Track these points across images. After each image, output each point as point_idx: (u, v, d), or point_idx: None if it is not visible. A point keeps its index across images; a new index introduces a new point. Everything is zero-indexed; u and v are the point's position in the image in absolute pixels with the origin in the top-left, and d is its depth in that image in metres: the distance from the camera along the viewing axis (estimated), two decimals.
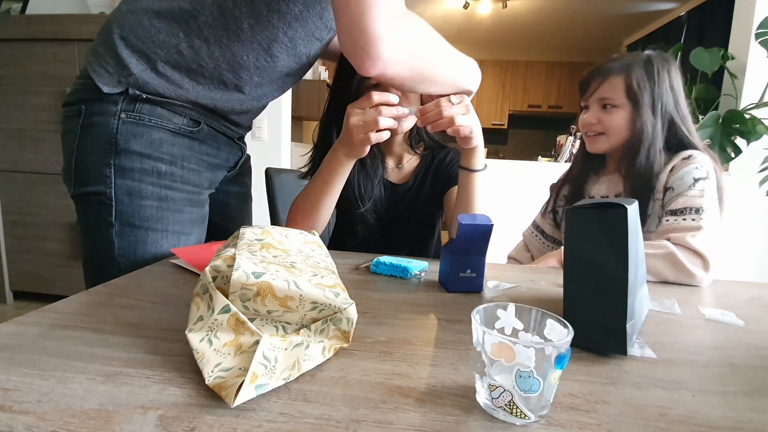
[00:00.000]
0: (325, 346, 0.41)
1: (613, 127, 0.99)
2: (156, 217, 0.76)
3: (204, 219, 0.87)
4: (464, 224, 0.62)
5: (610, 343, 0.45)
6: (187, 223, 0.81)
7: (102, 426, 0.30)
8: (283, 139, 2.60)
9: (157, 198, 0.76)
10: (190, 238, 0.82)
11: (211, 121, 0.83)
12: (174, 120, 0.77)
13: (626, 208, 0.44)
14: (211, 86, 0.78)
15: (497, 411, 0.33)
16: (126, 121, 0.73)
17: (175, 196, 0.78)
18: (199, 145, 0.82)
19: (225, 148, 0.90)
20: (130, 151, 0.73)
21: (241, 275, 0.39)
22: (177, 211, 0.79)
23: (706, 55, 2.31)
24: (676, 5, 4.07)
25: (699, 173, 0.91)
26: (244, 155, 0.99)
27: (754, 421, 0.34)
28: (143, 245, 0.76)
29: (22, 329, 0.44)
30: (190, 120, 0.79)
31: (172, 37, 0.71)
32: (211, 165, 0.87)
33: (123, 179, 0.74)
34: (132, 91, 0.72)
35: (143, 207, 0.75)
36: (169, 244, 0.78)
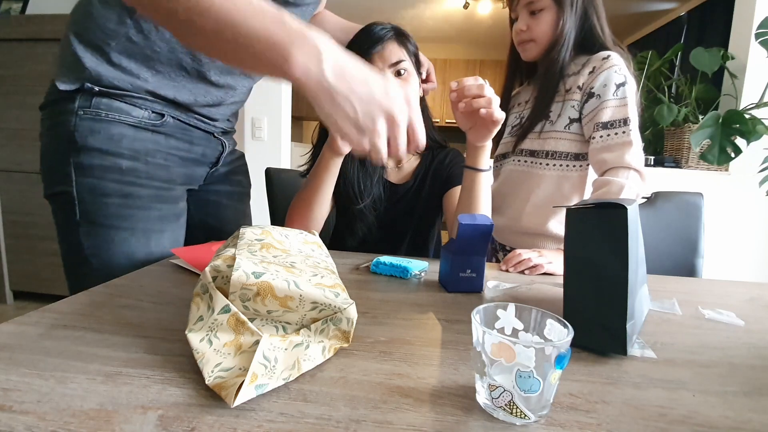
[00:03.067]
0: (325, 346, 0.41)
1: (541, 32, 1.01)
2: (121, 215, 0.74)
3: (179, 216, 0.84)
4: (464, 224, 0.62)
5: (610, 343, 0.45)
6: (156, 220, 0.78)
7: (102, 426, 0.30)
8: (283, 139, 2.60)
9: (120, 195, 0.73)
10: (162, 236, 0.79)
11: (177, 113, 0.79)
12: (134, 113, 0.74)
13: (626, 208, 0.44)
14: (172, 74, 0.75)
15: (497, 411, 0.33)
16: (84, 117, 0.71)
17: (140, 192, 0.75)
18: (166, 139, 0.79)
19: (201, 143, 0.86)
20: (89, 147, 0.71)
21: (241, 275, 0.39)
22: (143, 208, 0.76)
23: (706, 55, 2.31)
24: (676, 5, 4.07)
25: (618, 78, 0.95)
26: (225, 150, 0.94)
27: (754, 421, 0.34)
28: (111, 244, 0.74)
29: (22, 329, 0.44)
30: (152, 113, 0.76)
31: (121, 25, 0.69)
32: (184, 160, 0.83)
33: (84, 177, 0.71)
34: (87, 86, 0.70)
35: (107, 205, 0.73)
36: (138, 242, 0.76)
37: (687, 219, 1.16)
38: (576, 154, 1.02)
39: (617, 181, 0.89)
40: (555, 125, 1.02)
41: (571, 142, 1.01)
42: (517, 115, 1.14)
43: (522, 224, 1.09)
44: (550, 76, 1.02)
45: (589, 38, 1.01)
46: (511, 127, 1.15)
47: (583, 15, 1.00)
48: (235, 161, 1.00)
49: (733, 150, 2.13)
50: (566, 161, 1.02)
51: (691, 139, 2.20)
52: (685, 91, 2.51)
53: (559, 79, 1.01)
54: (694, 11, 3.82)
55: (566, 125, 1.01)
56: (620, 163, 0.91)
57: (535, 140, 1.06)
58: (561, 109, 1.02)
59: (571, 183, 1.03)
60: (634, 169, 0.91)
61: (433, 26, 4.96)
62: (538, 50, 1.03)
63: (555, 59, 1.00)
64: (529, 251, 0.82)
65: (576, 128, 1.01)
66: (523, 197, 1.07)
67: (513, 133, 1.12)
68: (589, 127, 0.98)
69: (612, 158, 0.92)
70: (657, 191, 1.20)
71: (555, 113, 1.03)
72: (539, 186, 1.05)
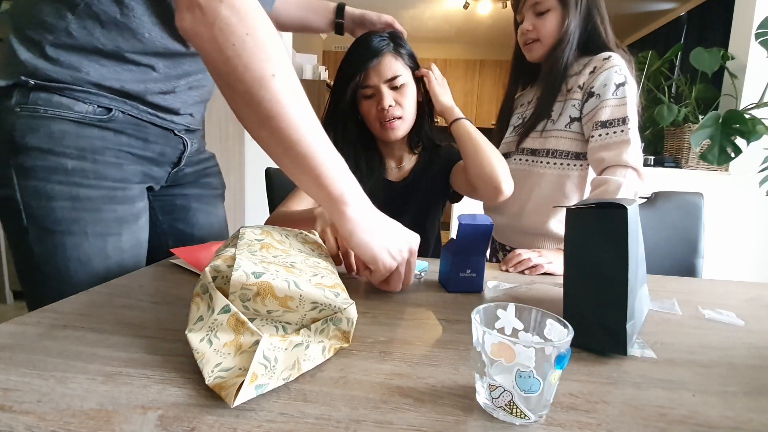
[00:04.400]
0: (325, 346, 0.41)
1: (547, 32, 1.02)
2: (71, 218, 0.68)
3: (138, 216, 0.78)
4: (464, 224, 0.62)
5: (610, 343, 0.45)
6: (111, 222, 0.72)
7: (102, 426, 0.30)
8: None
9: (68, 198, 0.68)
10: (120, 239, 0.74)
11: (127, 108, 0.73)
12: (76, 108, 0.67)
13: (626, 208, 0.44)
14: (117, 67, 0.69)
15: (497, 411, 0.33)
16: (21, 115, 0.65)
17: (89, 194, 0.70)
18: (116, 136, 0.72)
19: (158, 140, 0.79)
20: (29, 147, 0.65)
21: (241, 275, 0.39)
22: (95, 211, 0.70)
23: (706, 55, 2.31)
24: (676, 5, 4.07)
25: (618, 78, 0.96)
26: (187, 149, 0.86)
27: (754, 421, 0.34)
28: (63, 250, 0.69)
29: (22, 329, 0.44)
30: (98, 107, 0.69)
31: (60, 19, 0.64)
32: (139, 158, 0.77)
33: (27, 180, 0.66)
34: (23, 80, 0.64)
35: (54, 209, 0.67)
36: (93, 247, 0.70)
37: (687, 219, 1.16)
38: (576, 153, 1.02)
39: (615, 179, 0.90)
40: (556, 124, 1.03)
41: (571, 141, 1.02)
42: (519, 115, 1.15)
43: (523, 223, 1.09)
44: (554, 75, 1.02)
45: (592, 39, 1.02)
46: (513, 126, 1.16)
47: (587, 16, 1.01)
48: (203, 162, 0.95)
49: (733, 150, 2.13)
50: (567, 160, 1.03)
51: (691, 139, 2.20)
52: (685, 91, 2.51)
53: (562, 78, 1.02)
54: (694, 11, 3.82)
55: (567, 124, 1.02)
56: (618, 162, 0.92)
57: (536, 139, 1.06)
58: (562, 108, 1.02)
59: (572, 182, 1.04)
60: (631, 167, 0.91)
61: (433, 26, 4.96)
62: (544, 50, 1.04)
63: (559, 58, 1.01)
64: (528, 251, 0.82)
65: (576, 127, 1.01)
66: (524, 196, 1.08)
67: (515, 133, 1.13)
68: (589, 126, 0.99)
69: (610, 157, 0.93)
70: (657, 191, 1.20)
71: (557, 112, 1.03)
72: (540, 185, 1.06)
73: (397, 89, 0.95)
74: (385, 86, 0.95)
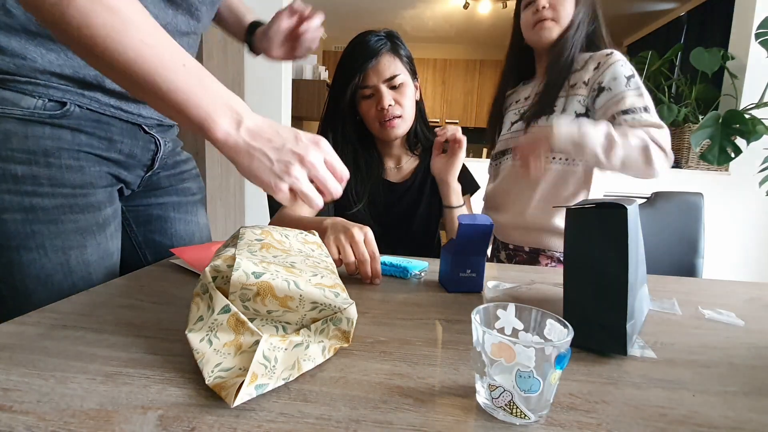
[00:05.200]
0: (325, 346, 0.41)
1: (565, 12, 1.00)
2: (25, 233, 0.60)
3: (105, 225, 0.69)
4: (464, 224, 0.62)
5: (610, 343, 0.45)
6: (72, 234, 0.64)
7: (102, 426, 0.30)
8: None
9: (20, 209, 0.60)
10: (84, 251, 0.65)
11: (85, 101, 0.63)
12: (22, 103, 0.58)
13: (626, 208, 0.44)
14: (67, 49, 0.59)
15: (497, 411, 0.33)
16: None
17: (44, 203, 0.61)
18: (73, 134, 0.63)
19: (123, 140, 0.69)
20: None
21: (241, 275, 0.39)
22: (52, 222, 0.62)
23: (706, 55, 2.31)
24: (676, 5, 4.07)
25: (627, 71, 0.94)
26: (160, 150, 0.76)
27: (754, 421, 0.34)
28: (19, 267, 0.61)
29: (22, 329, 0.44)
30: (48, 101, 0.60)
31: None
32: (102, 159, 0.67)
33: None
34: None
35: (5, 222, 0.59)
36: (52, 262, 0.62)
37: (687, 219, 1.16)
38: None
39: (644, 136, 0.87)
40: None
41: None
42: (515, 112, 1.14)
43: (526, 220, 1.07)
44: (561, 65, 1.01)
45: (595, 35, 1.02)
46: (510, 123, 1.14)
47: (593, 12, 1.01)
48: (180, 164, 0.85)
49: (733, 150, 2.13)
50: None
51: (691, 139, 2.20)
52: (685, 91, 2.51)
53: (569, 70, 1.01)
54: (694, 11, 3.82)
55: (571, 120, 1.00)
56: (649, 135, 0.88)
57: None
58: (565, 103, 1.01)
59: (576, 178, 1.02)
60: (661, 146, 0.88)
61: (433, 26, 4.96)
62: (559, 31, 1.01)
63: (569, 46, 0.99)
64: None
65: None
66: (527, 193, 1.06)
67: (513, 130, 1.12)
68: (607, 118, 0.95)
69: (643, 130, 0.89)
70: (657, 191, 1.20)
71: (559, 108, 1.02)
72: (544, 180, 1.04)
73: (396, 88, 0.95)
74: (384, 86, 0.95)
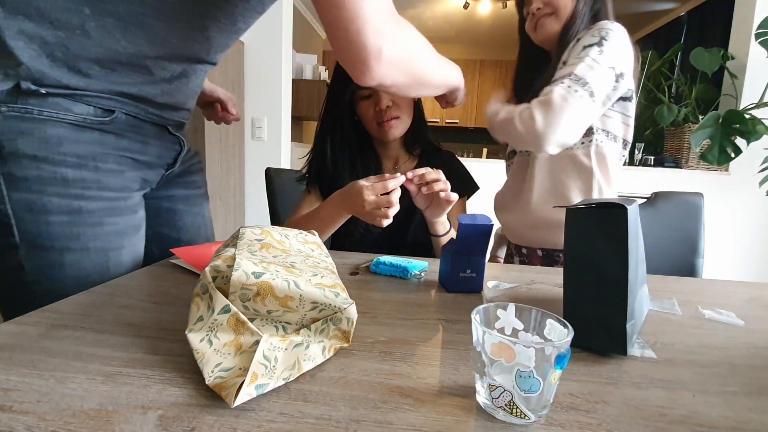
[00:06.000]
0: (325, 346, 0.41)
1: (562, 3, 0.95)
2: (70, 234, 0.62)
3: (137, 228, 0.72)
4: (464, 224, 0.62)
5: (610, 343, 0.45)
6: (112, 236, 0.66)
7: (102, 426, 0.30)
8: (283, 139, 2.60)
9: (67, 212, 0.61)
10: (121, 252, 0.68)
11: (133, 110, 0.66)
12: (75, 110, 0.60)
13: (626, 208, 0.44)
14: (130, 72, 0.63)
15: (497, 411, 0.33)
16: (8, 115, 0.57)
17: (90, 206, 0.63)
18: (117, 139, 0.66)
19: (155, 142, 0.73)
20: (20, 154, 0.58)
21: (241, 275, 0.39)
22: (96, 225, 0.64)
23: (706, 55, 2.31)
24: (676, 5, 4.07)
25: (591, 39, 0.86)
26: (183, 150, 0.81)
27: (754, 421, 0.34)
28: (60, 268, 0.62)
29: (22, 329, 0.44)
30: (97, 109, 0.62)
31: (75, 15, 0.56)
32: (138, 163, 0.71)
33: (18, 192, 0.59)
34: (25, 86, 0.56)
35: (51, 224, 0.60)
36: (92, 264, 0.64)
37: (687, 219, 1.16)
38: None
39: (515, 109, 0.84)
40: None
41: None
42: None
43: (533, 216, 1.02)
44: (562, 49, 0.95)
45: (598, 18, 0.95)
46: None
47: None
48: (188, 159, 0.87)
49: (733, 150, 2.13)
50: None
51: (691, 139, 2.20)
52: (685, 91, 2.51)
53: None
54: (694, 11, 3.82)
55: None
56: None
57: None
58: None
59: (575, 163, 0.96)
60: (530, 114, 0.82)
61: (433, 26, 4.96)
62: (559, 25, 0.97)
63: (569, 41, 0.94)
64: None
65: None
66: (528, 185, 1.02)
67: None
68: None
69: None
70: (657, 191, 1.20)
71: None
72: (542, 170, 1.00)
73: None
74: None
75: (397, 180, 0.76)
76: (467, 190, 1.10)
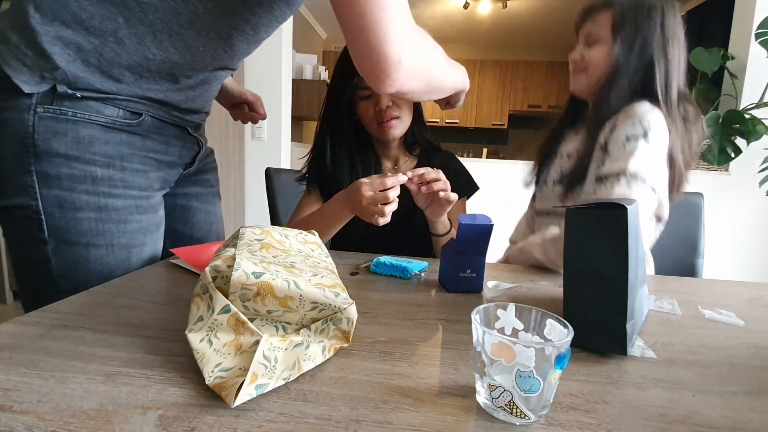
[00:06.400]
0: (325, 346, 0.41)
1: (593, 62, 0.91)
2: (96, 230, 0.65)
3: (158, 226, 0.75)
4: (464, 224, 0.62)
5: (610, 343, 0.45)
6: (136, 233, 0.69)
7: (102, 426, 0.30)
8: (283, 139, 2.60)
9: (95, 209, 0.64)
10: (143, 249, 0.71)
11: (160, 112, 0.70)
12: (105, 112, 0.63)
13: (626, 208, 0.44)
14: (158, 78, 0.66)
15: (497, 411, 0.33)
16: (43, 116, 0.60)
17: (117, 204, 0.66)
18: (142, 141, 0.69)
19: (176, 143, 0.77)
20: (53, 153, 0.61)
21: (241, 275, 0.39)
22: (122, 222, 0.67)
23: (706, 55, 2.31)
24: None
25: (633, 129, 0.80)
26: (202, 150, 0.84)
27: (754, 421, 0.34)
28: (85, 263, 0.65)
29: (22, 329, 0.44)
30: (126, 111, 0.66)
31: (109, 22, 0.59)
32: (160, 163, 0.74)
33: (50, 189, 0.61)
34: (61, 89, 0.60)
35: (79, 220, 0.63)
36: (116, 259, 0.67)
37: (687, 219, 1.16)
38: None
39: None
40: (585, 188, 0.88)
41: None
42: (558, 168, 1.00)
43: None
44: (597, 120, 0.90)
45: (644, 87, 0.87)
46: (552, 181, 1.01)
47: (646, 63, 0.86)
48: (204, 159, 0.90)
49: (733, 150, 2.13)
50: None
51: None
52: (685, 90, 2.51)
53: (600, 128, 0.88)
54: (694, 11, 3.81)
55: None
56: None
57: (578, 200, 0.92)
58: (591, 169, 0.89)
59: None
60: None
61: (433, 26, 4.95)
62: (588, 83, 0.94)
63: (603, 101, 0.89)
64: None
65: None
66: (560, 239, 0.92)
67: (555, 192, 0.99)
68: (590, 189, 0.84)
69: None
70: None
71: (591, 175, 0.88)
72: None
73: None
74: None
75: (396, 178, 0.76)
76: (467, 190, 1.10)
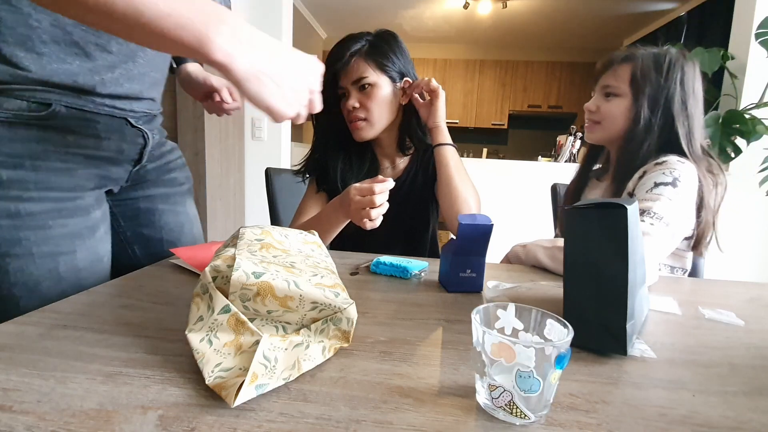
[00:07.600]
0: (325, 346, 0.41)
1: (610, 116, 0.94)
2: (11, 239, 0.58)
3: (95, 228, 0.68)
4: (464, 224, 0.62)
5: (610, 343, 0.45)
6: (62, 239, 0.62)
7: (102, 426, 0.30)
8: (283, 139, 2.60)
9: (6, 215, 0.58)
10: (74, 256, 0.64)
11: (70, 100, 0.61)
12: (6, 106, 0.56)
13: (626, 208, 0.44)
14: (61, 53, 0.58)
15: (497, 411, 0.33)
16: None
17: (32, 208, 0.59)
18: (61, 135, 0.61)
19: (112, 136, 0.67)
20: None
21: (241, 275, 0.39)
22: (41, 228, 0.60)
23: (706, 55, 2.31)
24: (676, 5, 4.07)
25: (664, 178, 0.83)
26: (148, 143, 0.74)
27: (754, 421, 0.34)
28: (5, 275, 0.59)
29: (22, 329, 0.44)
30: (31, 103, 0.58)
31: None
32: (91, 159, 0.66)
33: None
34: None
35: None
36: (40, 269, 0.61)
37: None
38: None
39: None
40: None
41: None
42: None
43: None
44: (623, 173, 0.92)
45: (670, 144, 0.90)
46: None
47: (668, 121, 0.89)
48: (166, 155, 0.82)
49: (733, 150, 2.13)
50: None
51: None
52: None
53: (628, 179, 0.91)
54: (694, 11, 3.81)
55: None
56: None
57: None
58: None
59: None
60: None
61: (433, 26, 4.96)
62: (603, 134, 0.97)
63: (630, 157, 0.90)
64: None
65: None
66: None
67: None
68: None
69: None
70: None
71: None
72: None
73: (363, 91, 0.96)
74: (353, 88, 0.97)
75: (385, 184, 0.75)
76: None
